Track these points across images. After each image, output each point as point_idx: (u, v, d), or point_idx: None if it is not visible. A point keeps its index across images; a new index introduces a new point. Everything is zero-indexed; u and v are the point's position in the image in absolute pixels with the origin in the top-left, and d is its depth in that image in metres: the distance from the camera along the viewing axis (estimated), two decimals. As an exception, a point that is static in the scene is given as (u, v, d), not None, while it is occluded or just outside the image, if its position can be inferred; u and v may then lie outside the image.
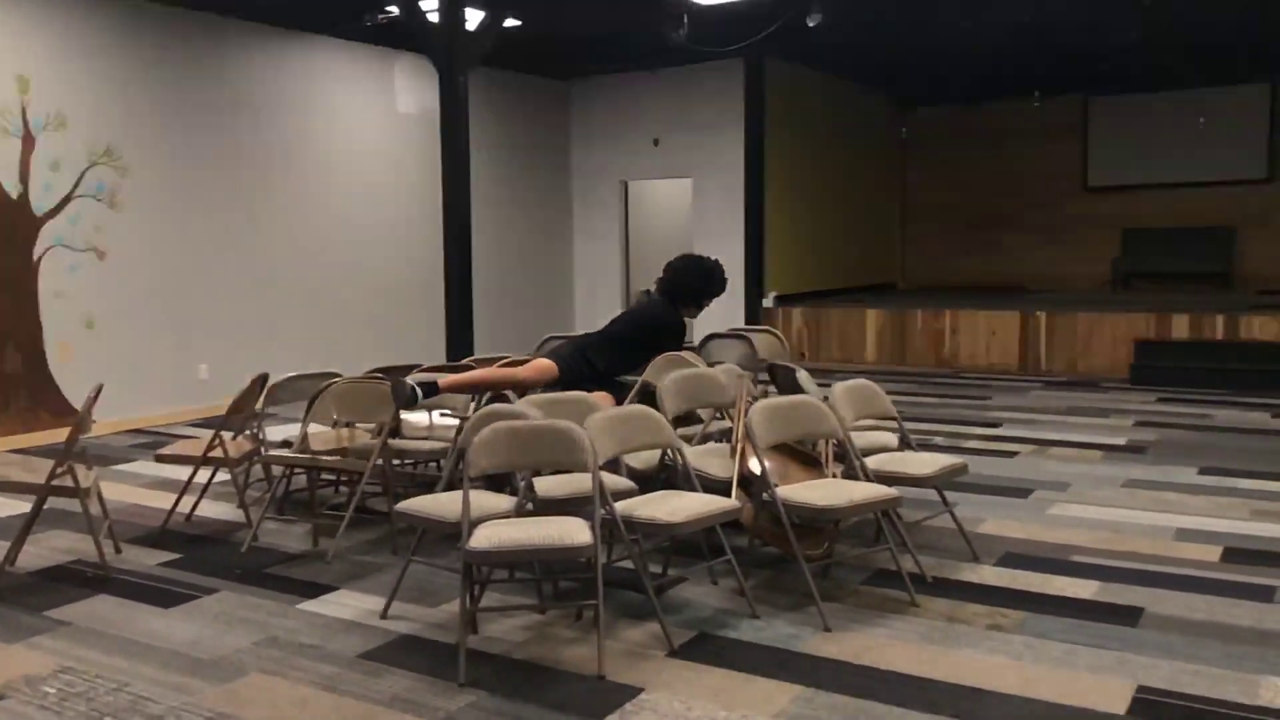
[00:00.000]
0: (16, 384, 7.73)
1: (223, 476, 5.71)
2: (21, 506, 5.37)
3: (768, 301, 11.83)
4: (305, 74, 9.78)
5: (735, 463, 4.33)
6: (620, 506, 3.76)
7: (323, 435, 5.49)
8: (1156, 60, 11.78)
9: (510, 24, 9.04)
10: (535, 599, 4.13)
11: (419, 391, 4.85)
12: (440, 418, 5.75)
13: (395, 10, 8.64)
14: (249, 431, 5.56)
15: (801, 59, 12.11)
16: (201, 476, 5.54)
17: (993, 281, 14.74)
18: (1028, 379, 10.23)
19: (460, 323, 8.36)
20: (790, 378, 5.17)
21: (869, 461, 4.52)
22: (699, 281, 5.50)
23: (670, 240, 14.09)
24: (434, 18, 8.24)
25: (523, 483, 3.96)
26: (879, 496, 4.05)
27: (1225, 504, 5.45)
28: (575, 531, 3.48)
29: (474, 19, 8.41)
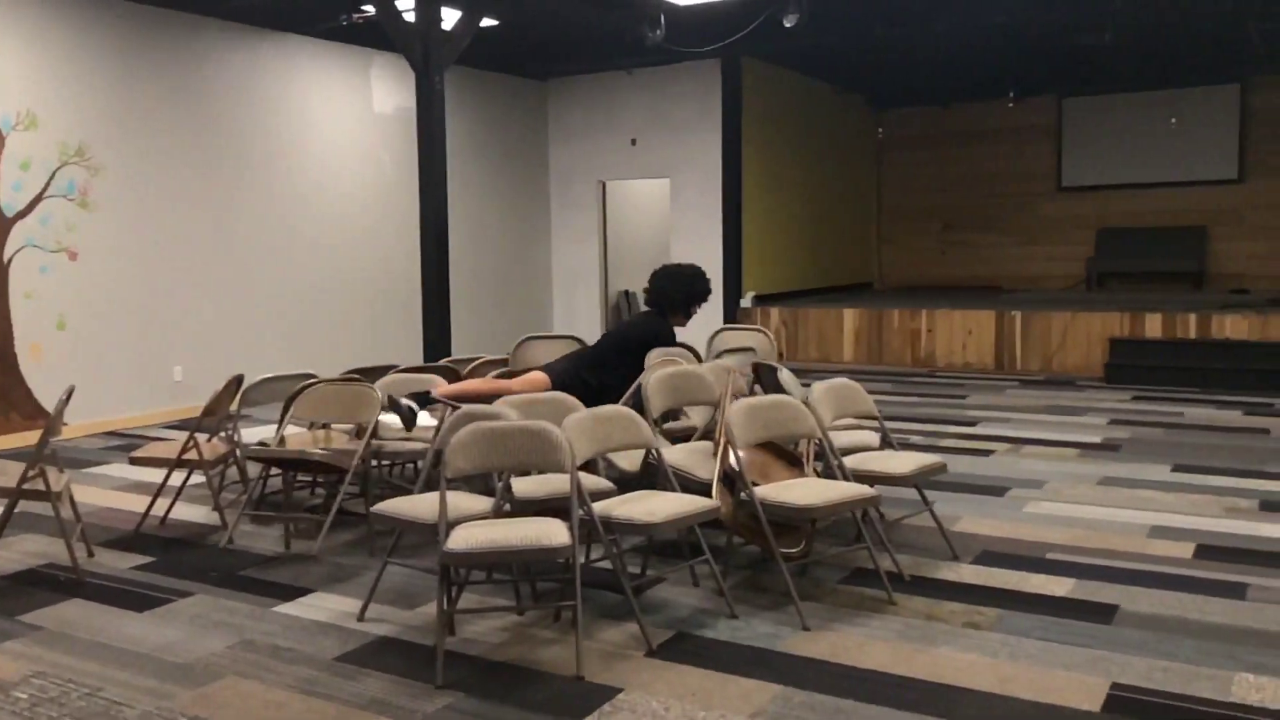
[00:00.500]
0: (-13, 386, 7.65)
1: (197, 479, 5.67)
2: (-8, 510, 5.30)
3: (746, 301, 11.85)
4: (280, 73, 9.72)
5: (717, 460, 4.33)
6: (599, 507, 3.76)
7: (299, 437, 5.45)
8: (1129, 61, 11.90)
9: (487, 23, 9.01)
10: (513, 600, 4.13)
11: (415, 408, 4.94)
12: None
13: (371, 9, 8.60)
14: (224, 433, 5.52)
15: (778, 60, 12.15)
16: (176, 479, 5.49)
17: (968, 281, 14.84)
18: (1003, 378, 10.30)
19: (437, 323, 8.32)
20: (773, 377, 5.19)
21: (849, 460, 4.53)
22: (683, 290, 5.62)
23: (648, 240, 14.12)
24: (410, 17, 8.20)
25: (500, 484, 3.95)
26: (857, 495, 4.07)
27: (1198, 501, 5.51)
28: (553, 532, 3.47)
29: (450, 18, 8.38)
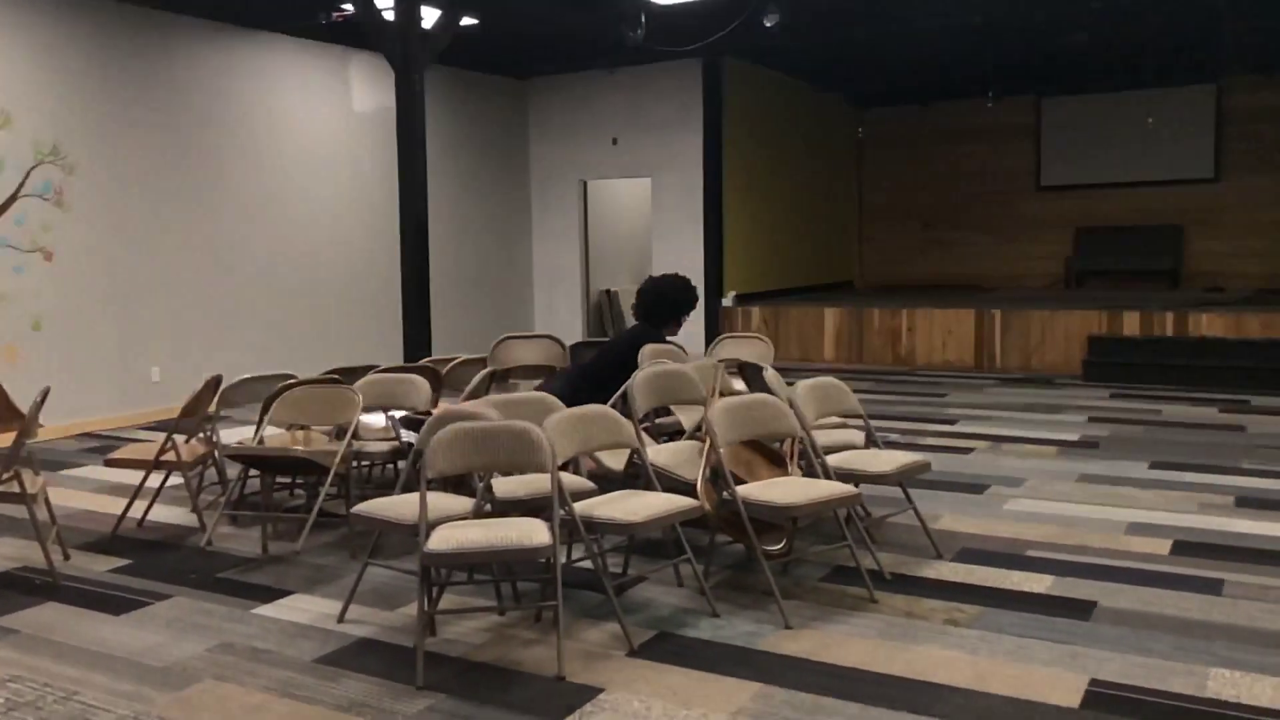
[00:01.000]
0: (-39, 388, 7.56)
1: (175, 480, 5.63)
2: (-33, 513, 5.25)
3: (727, 301, 11.87)
4: (259, 72, 9.66)
5: (703, 458, 4.34)
6: (580, 506, 3.75)
7: (279, 438, 5.42)
8: (1107, 61, 11.98)
9: (467, 22, 8.98)
10: (494, 600, 4.12)
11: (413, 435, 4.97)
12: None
13: (350, 8, 8.56)
14: (202, 435, 5.48)
15: (759, 59, 12.17)
16: (153, 481, 5.44)
17: (948, 280, 14.91)
18: (983, 376, 10.35)
19: (417, 323, 8.29)
20: (758, 377, 5.21)
21: (833, 459, 4.55)
22: (672, 301, 5.75)
23: (629, 240, 14.11)
24: (389, 16, 8.17)
25: (481, 484, 3.94)
26: (838, 494, 4.08)
27: (1175, 498, 5.55)
28: (534, 532, 3.47)
29: (430, 17, 8.36)
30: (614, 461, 4.57)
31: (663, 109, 12.06)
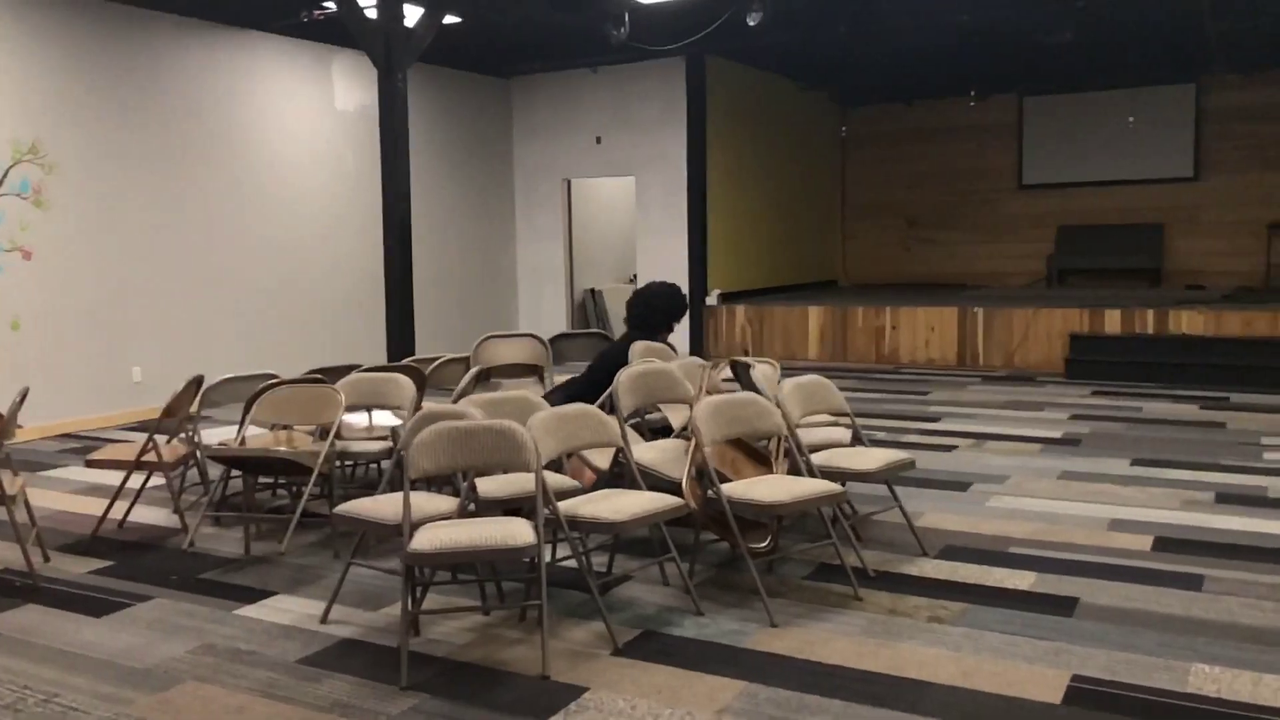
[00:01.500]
0: (-61, 388, 7.49)
1: (157, 481, 5.59)
2: (-55, 515, 5.20)
3: (711, 300, 11.87)
4: (241, 70, 9.60)
5: (689, 456, 4.33)
6: (564, 505, 3.75)
7: (261, 438, 5.39)
8: (1088, 60, 12.04)
9: (450, 21, 8.95)
10: (478, 600, 4.10)
11: None
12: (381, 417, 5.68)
13: (332, 6, 8.51)
14: (184, 435, 5.45)
15: (742, 58, 12.18)
16: (135, 481, 5.41)
17: (931, 278, 14.96)
18: (966, 374, 10.39)
19: (401, 322, 8.26)
20: (748, 375, 5.21)
21: (818, 457, 4.55)
22: (660, 310, 5.88)
23: (614, 238, 14.11)
24: (372, 14, 8.13)
25: (465, 484, 3.93)
26: (823, 492, 4.08)
27: (1156, 494, 5.59)
28: (518, 532, 3.46)
29: (413, 15, 8.32)
30: (601, 460, 4.56)
31: (646, 107, 12.06)
